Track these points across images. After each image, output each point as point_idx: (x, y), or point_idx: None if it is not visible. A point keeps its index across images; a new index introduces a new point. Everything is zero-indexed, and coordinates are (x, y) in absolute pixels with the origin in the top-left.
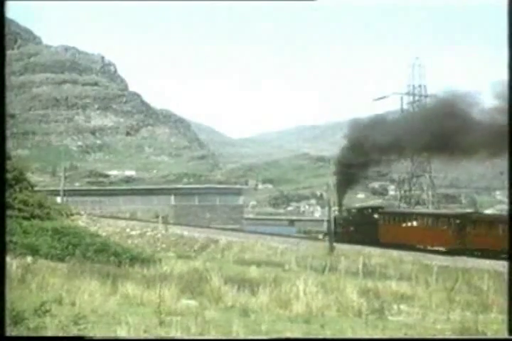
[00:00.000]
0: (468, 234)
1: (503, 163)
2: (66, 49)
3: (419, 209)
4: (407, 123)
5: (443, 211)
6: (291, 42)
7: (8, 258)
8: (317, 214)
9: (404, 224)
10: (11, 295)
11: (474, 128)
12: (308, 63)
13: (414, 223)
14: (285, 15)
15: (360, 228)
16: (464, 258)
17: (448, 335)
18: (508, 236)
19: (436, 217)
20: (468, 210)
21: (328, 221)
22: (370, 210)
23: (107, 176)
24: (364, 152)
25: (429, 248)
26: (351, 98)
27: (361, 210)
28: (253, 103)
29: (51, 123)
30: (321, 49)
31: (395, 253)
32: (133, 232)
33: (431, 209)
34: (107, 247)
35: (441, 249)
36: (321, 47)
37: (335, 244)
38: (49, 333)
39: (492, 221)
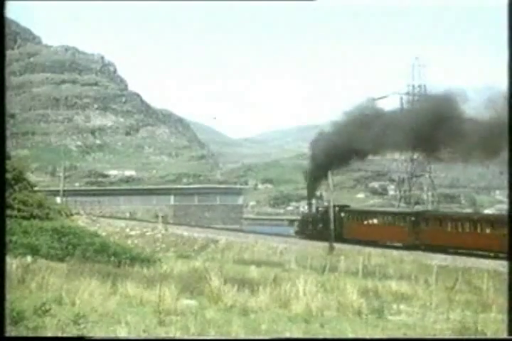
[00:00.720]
0: (422, 231)
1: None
2: (66, 49)
3: (403, 208)
4: (368, 125)
5: (400, 209)
6: (291, 43)
7: (7, 258)
8: None
9: (366, 222)
10: (10, 295)
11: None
12: (308, 63)
13: (375, 220)
14: (285, 16)
15: (328, 225)
16: (464, 258)
17: (448, 335)
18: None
19: (394, 215)
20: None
21: (323, 219)
22: (337, 209)
23: (106, 176)
24: (332, 152)
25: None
26: (351, 98)
27: (328, 209)
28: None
29: (51, 123)
30: (321, 49)
31: (395, 253)
32: (132, 232)
33: (391, 208)
34: (107, 247)
35: (399, 244)
36: (321, 47)
37: (334, 244)
38: (49, 333)
39: (442, 218)
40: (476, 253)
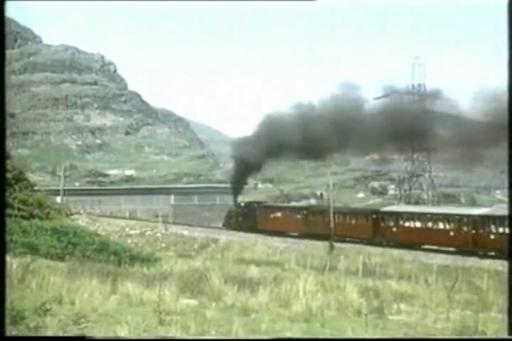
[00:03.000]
0: (311, 222)
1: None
2: (66, 48)
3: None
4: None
5: (295, 204)
6: (291, 43)
7: (7, 258)
8: None
9: (272, 215)
10: (10, 294)
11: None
12: (308, 63)
13: (279, 214)
14: (285, 16)
15: (246, 218)
16: (464, 257)
17: (448, 335)
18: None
19: (291, 209)
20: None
21: (243, 214)
22: (255, 204)
23: (106, 176)
24: (256, 152)
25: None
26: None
27: (248, 204)
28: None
29: (51, 123)
30: (321, 49)
31: (395, 252)
32: (132, 231)
33: (291, 204)
34: (107, 246)
35: (295, 233)
36: (321, 47)
37: (334, 243)
38: (49, 332)
39: (324, 212)
40: (476, 253)
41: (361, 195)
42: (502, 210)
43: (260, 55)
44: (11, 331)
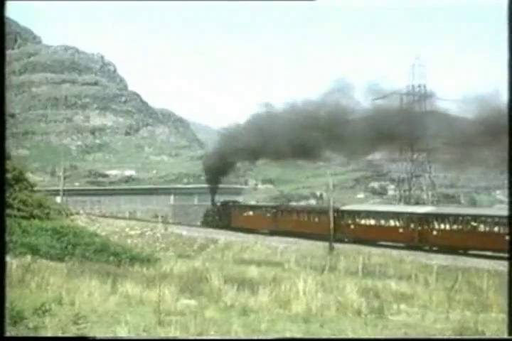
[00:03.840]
0: (279, 220)
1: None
2: (66, 49)
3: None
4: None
5: (265, 204)
6: (291, 43)
7: (7, 258)
8: None
9: (245, 214)
10: (10, 294)
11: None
12: (308, 63)
13: (250, 213)
14: (285, 16)
15: (222, 217)
16: (464, 257)
17: (448, 335)
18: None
19: (262, 208)
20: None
21: (219, 213)
22: (230, 204)
23: (106, 176)
24: (228, 152)
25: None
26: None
27: (224, 204)
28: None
29: (50, 123)
30: (321, 49)
31: (394, 252)
32: (132, 232)
33: (262, 203)
34: (107, 247)
35: (265, 231)
36: (321, 47)
37: (334, 244)
38: (49, 333)
39: (291, 210)
40: (476, 253)
41: (361, 195)
42: (446, 209)
43: (261, 55)
44: (10, 331)
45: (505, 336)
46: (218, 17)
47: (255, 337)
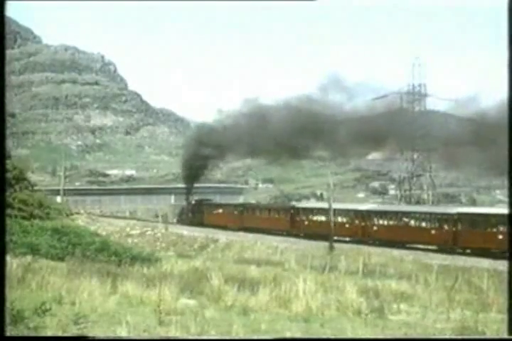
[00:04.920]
0: (245, 217)
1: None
2: (66, 48)
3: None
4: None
5: (233, 202)
6: (291, 43)
7: (8, 258)
8: None
9: (215, 212)
10: (10, 294)
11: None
12: (308, 63)
13: (220, 210)
14: (285, 16)
15: (195, 214)
16: (464, 257)
17: (448, 335)
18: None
19: (230, 206)
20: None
21: (193, 211)
22: (203, 202)
23: (106, 175)
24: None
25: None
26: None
27: (197, 202)
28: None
29: (51, 123)
30: (321, 49)
31: (395, 252)
32: (133, 231)
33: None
34: (107, 246)
35: (233, 227)
36: (320, 47)
37: (334, 244)
38: (49, 333)
39: (255, 208)
40: (476, 253)
41: (361, 194)
42: (386, 206)
43: (261, 56)
44: (10, 331)
45: (505, 336)
46: (218, 17)
47: (255, 337)
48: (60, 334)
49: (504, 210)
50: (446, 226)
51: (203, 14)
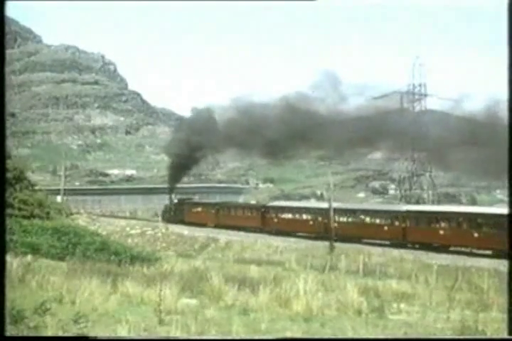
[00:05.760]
0: (221, 215)
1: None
2: (66, 48)
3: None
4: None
5: (210, 201)
6: (291, 43)
7: (8, 257)
8: None
9: (194, 210)
10: (11, 294)
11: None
12: (308, 63)
13: (199, 209)
14: (285, 16)
15: (177, 213)
16: (464, 257)
17: (448, 334)
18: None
19: (207, 204)
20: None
21: (175, 209)
22: (185, 201)
23: (107, 175)
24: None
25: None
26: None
27: (179, 201)
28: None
29: (51, 122)
30: (321, 49)
31: (395, 252)
32: (133, 231)
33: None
34: (107, 246)
35: (211, 224)
36: (321, 47)
37: (335, 244)
38: (49, 332)
39: (230, 207)
40: (476, 252)
41: (362, 194)
42: (346, 205)
43: (262, 55)
44: (11, 330)
45: (506, 335)
46: (218, 17)
47: (256, 337)
48: (60, 333)
49: (447, 208)
50: (396, 223)
51: (203, 14)
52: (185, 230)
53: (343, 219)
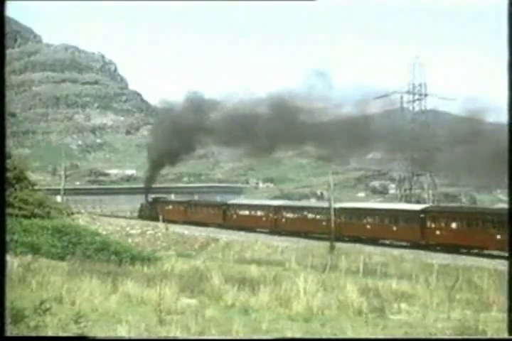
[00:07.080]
0: (188, 212)
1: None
2: (66, 48)
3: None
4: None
5: (182, 200)
6: (291, 43)
7: (8, 257)
8: None
9: (166, 208)
10: (11, 293)
11: None
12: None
13: (170, 206)
14: (285, 15)
15: (151, 210)
16: (464, 257)
17: (448, 334)
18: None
19: (177, 203)
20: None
21: (150, 207)
22: (159, 199)
23: (107, 175)
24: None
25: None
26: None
27: (154, 199)
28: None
29: (51, 122)
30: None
31: (395, 251)
32: (133, 231)
33: (182, 199)
34: (107, 246)
35: (179, 221)
36: (321, 47)
37: (335, 243)
38: (49, 332)
39: (196, 204)
40: (475, 252)
41: (362, 194)
42: (294, 202)
43: (261, 56)
44: (11, 330)
45: (506, 335)
46: (218, 17)
47: (256, 337)
48: (60, 333)
49: (374, 205)
50: (332, 219)
51: (203, 14)
52: (185, 230)
53: (290, 215)
